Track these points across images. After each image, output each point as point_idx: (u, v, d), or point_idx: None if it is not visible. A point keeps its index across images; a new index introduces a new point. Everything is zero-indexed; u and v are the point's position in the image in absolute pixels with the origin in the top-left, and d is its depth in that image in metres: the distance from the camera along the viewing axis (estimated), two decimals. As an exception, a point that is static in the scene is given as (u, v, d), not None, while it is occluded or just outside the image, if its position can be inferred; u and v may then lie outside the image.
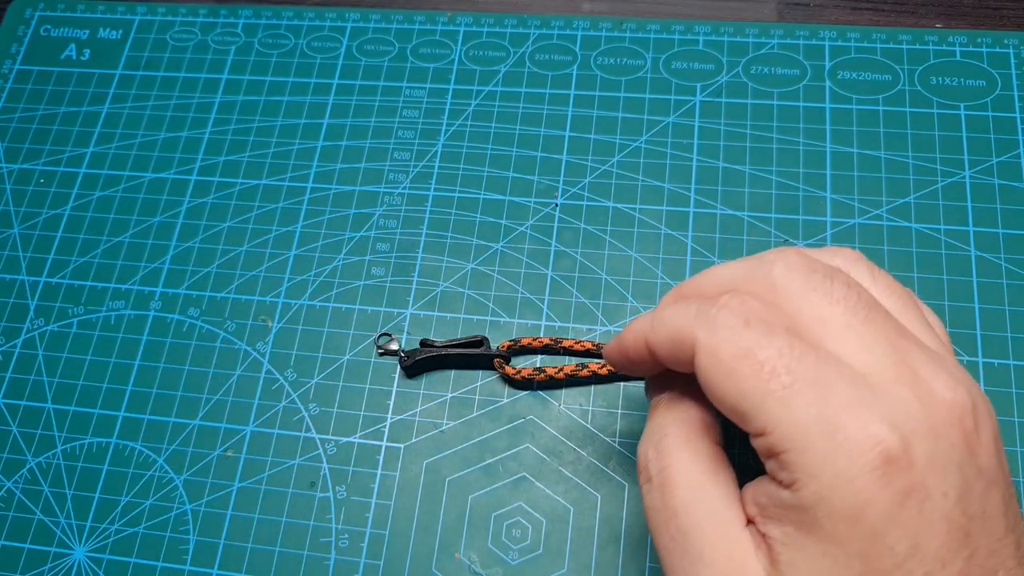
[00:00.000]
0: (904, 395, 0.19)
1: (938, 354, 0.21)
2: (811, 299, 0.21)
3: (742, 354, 0.20)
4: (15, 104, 0.43)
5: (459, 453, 0.33)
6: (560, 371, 0.34)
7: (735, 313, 0.21)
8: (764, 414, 0.20)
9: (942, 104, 0.39)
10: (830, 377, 0.20)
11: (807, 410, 0.19)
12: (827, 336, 0.21)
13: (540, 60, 0.42)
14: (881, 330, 0.21)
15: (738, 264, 0.23)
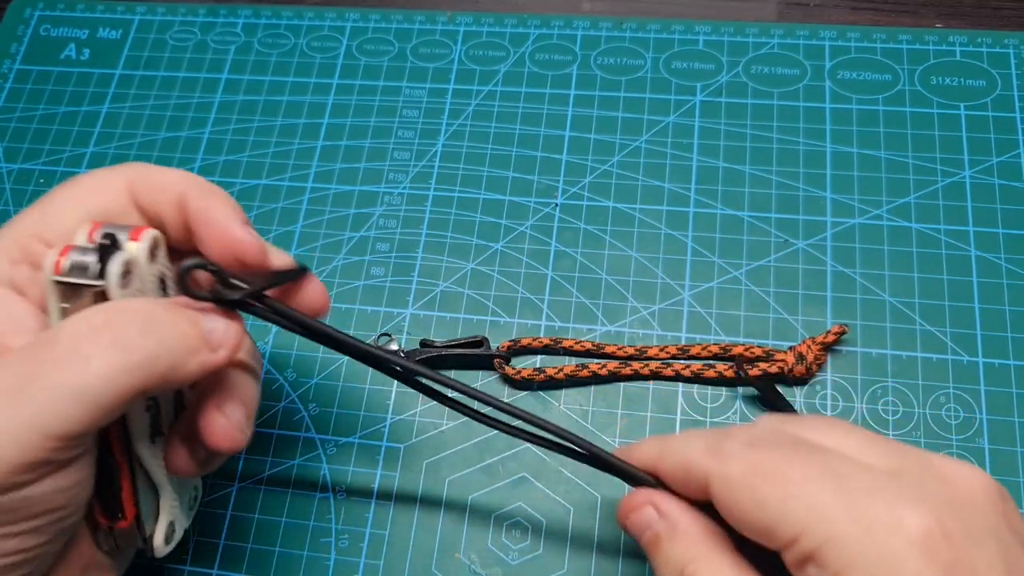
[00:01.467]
0: (924, 478, 0.20)
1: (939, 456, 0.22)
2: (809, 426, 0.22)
3: (750, 469, 0.21)
4: (15, 104, 0.43)
5: (459, 453, 0.33)
6: (560, 371, 0.33)
7: (740, 438, 0.22)
8: (788, 517, 0.20)
9: (942, 104, 0.39)
10: (844, 470, 0.20)
11: (830, 500, 0.20)
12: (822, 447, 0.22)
13: (540, 60, 0.42)
14: (883, 442, 0.22)
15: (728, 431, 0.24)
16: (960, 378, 0.33)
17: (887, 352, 0.34)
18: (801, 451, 0.21)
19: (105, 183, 0.25)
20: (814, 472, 0.20)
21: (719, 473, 0.22)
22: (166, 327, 0.22)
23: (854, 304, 0.35)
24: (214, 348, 0.23)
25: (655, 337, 0.35)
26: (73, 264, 0.22)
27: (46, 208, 0.24)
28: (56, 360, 0.20)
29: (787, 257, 0.36)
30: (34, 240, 0.24)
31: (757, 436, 0.22)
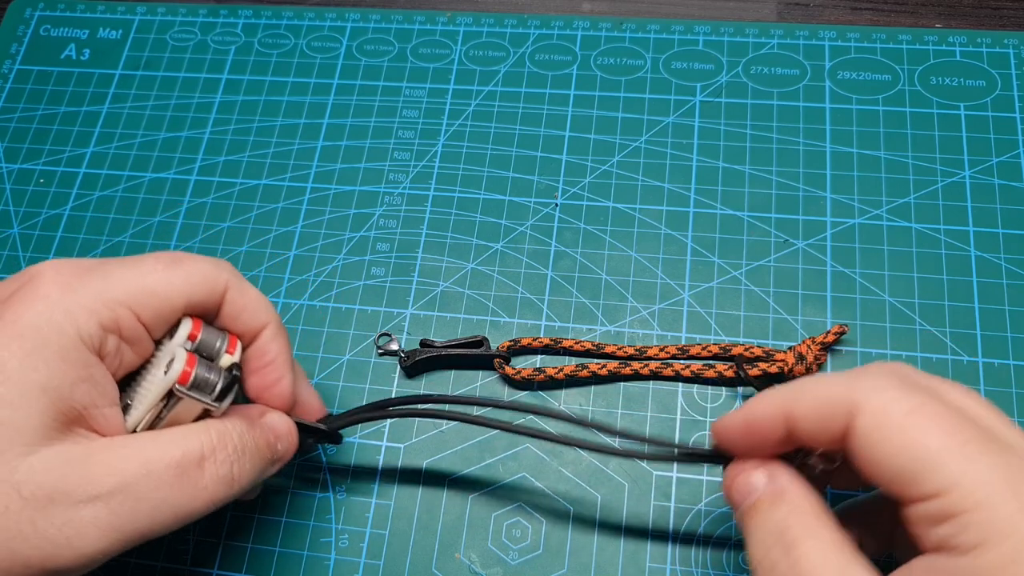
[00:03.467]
0: None
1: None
2: (945, 389, 0.21)
3: (916, 409, 0.20)
4: (15, 104, 0.43)
5: (459, 453, 0.33)
6: (560, 371, 0.33)
7: (896, 375, 0.21)
8: (942, 471, 0.19)
9: (942, 104, 0.39)
10: (1002, 443, 0.19)
11: (992, 466, 0.19)
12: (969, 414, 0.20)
13: (540, 60, 0.42)
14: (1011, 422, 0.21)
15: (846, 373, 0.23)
16: (960, 378, 0.33)
17: (887, 352, 0.34)
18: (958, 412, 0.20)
19: (207, 282, 0.26)
20: (975, 435, 0.19)
21: (875, 407, 0.20)
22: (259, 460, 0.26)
23: (854, 304, 0.35)
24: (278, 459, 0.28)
25: (655, 337, 0.35)
26: (197, 380, 0.24)
27: (144, 280, 0.24)
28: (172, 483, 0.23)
29: (787, 257, 0.36)
30: (127, 311, 0.24)
31: (913, 376, 0.21)
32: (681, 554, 0.31)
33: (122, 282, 0.24)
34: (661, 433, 0.33)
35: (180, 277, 0.25)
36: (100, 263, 0.25)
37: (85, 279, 0.24)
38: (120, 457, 0.23)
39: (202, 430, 0.25)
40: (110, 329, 0.24)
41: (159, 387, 0.24)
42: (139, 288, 0.24)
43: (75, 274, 0.24)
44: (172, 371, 0.24)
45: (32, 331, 0.22)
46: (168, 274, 0.25)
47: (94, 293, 0.23)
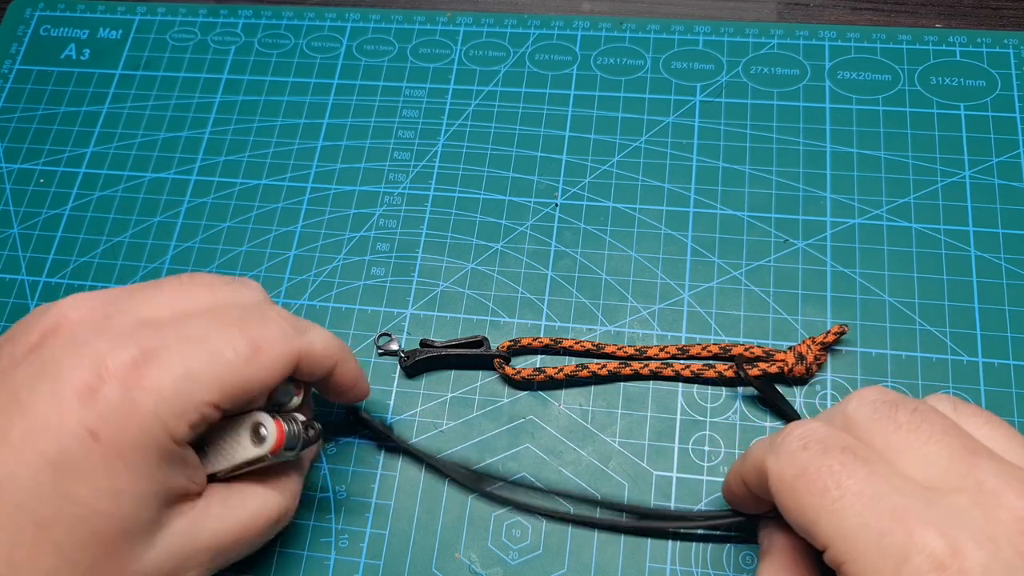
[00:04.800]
0: (962, 503, 0.19)
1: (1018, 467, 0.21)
2: (878, 426, 0.22)
3: (799, 473, 0.22)
4: (15, 104, 0.43)
5: (459, 453, 0.33)
6: (560, 371, 0.33)
7: (796, 438, 0.23)
8: (821, 528, 0.21)
9: (942, 104, 0.39)
10: (881, 489, 0.20)
11: (856, 520, 0.20)
12: (895, 458, 0.21)
13: (540, 60, 0.42)
14: (947, 448, 0.21)
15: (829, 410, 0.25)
16: (960, 378, 0.33)
17: (887, 352, 0.34)
18: (848, 461, 0.21)
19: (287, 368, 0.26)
20: (852, 488, 0.21)
21: (775, 471, 0.23)
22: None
23: (854, 304, 0.35)
24: None
25: (655, 337, 0.35)
26: (286, 447, 0.26)
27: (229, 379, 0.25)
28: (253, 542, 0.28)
29: (787, 257, 0.36)
30: (213, 409, 0.24)
31: (813, 437, 0.22)
32: (681, 554, 0.31)
33: (208, 384, 0.24)
34: (661, 435, 0.33)
35: (263, 370, 0.25)
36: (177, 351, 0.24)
37: (171, 382, 0.23)
38: (219, 531, 0.26)
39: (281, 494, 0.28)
40: (196, 426, 0.24)
41: (249, 454, 0.26)
42: (224, 386, 0.24)
43: (160, 375, 0.23)
44: (266, 444, 0.26)
45: (132, 449, 0.23)
46: (251, 368, 0.25)
47: (185, 400, 0.24)
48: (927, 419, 0.22)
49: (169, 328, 0.25)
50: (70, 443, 0.22)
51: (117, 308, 0.25)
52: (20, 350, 0.24)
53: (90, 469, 0.22)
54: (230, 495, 0.26)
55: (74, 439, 0.22)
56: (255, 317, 0.26)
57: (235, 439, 0.26)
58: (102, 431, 0.22)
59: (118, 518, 0.23)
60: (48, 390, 0.23)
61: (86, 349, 0.23)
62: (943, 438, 0.21)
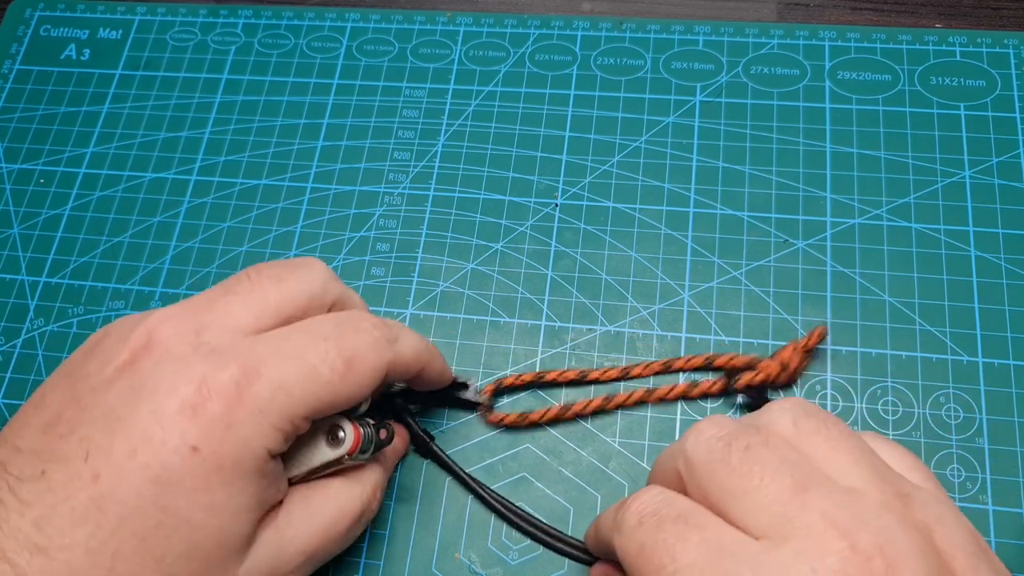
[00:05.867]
0: (787, 556, 0.19)
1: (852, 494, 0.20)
2: (712, 471, 0.21)
3: (638, 551, 0.21)
4: (15, 104, 0.43)
5: (459, 453, 0.33)
6: (544, 415, 0.33)
7: (633, 514, 0.22)
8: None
9: (942, 104, 0.39)
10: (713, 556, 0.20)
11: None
12: (731, 508, 0.20)
13: (540, 60, 0.42)
14: (776, 490, 0.20)
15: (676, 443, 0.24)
16: (960, 378, 0.33)
17: (887, 352, 0.34)
18: (681, 531, 0.21)
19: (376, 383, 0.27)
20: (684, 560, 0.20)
21: (619, 550, 0.22)
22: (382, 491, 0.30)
23: (854, 304, 0.35)
24: None
25: (655, 337, 0.35)
26: (362, 448, 0.27)
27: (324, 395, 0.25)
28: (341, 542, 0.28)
29: (787, 257, 0.36)
30: (305, 421, 0.25)
31: (648, 509, 0.22)
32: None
33: (304, 399, 0.24)
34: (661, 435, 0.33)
35: (355, 386, 0.26)
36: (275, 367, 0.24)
37: (269, 398, 0.24)
38: (305, 535, 0.26)
39: (360, 489, 0.28)
40: (290, 438, 0.25)
41: (326, 456, 0.26)
42: (319, 402, 0.25)
43: (259, 391, 0.24)
44: (344, 446, 0.26)
45: (231, 463, 0.23)
46: (345, 385, 0.25)
47: (282, 415, 0.24)
48: (758, 457, 0.21)
49: (264, 343, 0.25)
50: (172, 458, 0.22)
51: (204, 322, 0.25)
52: (111, 367, 0.24)
53: (191, 484, 0.23)
54: (311, 495, 0.27)
55: (176, 454, 0.23)
56: (349, 330, 0.26)
57: (312, 443, 0.26)
58: (203, 446, 0.23)
59: (216, 531, 0.23)
60: (149, 407, 0.23)
61: (185, 366, 0.24)
62: (774, 478, 0.20)
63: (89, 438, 0.23)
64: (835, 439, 0.21)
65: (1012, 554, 0.30)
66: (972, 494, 0.31)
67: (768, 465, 0.20)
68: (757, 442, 0.21)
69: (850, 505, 0.19)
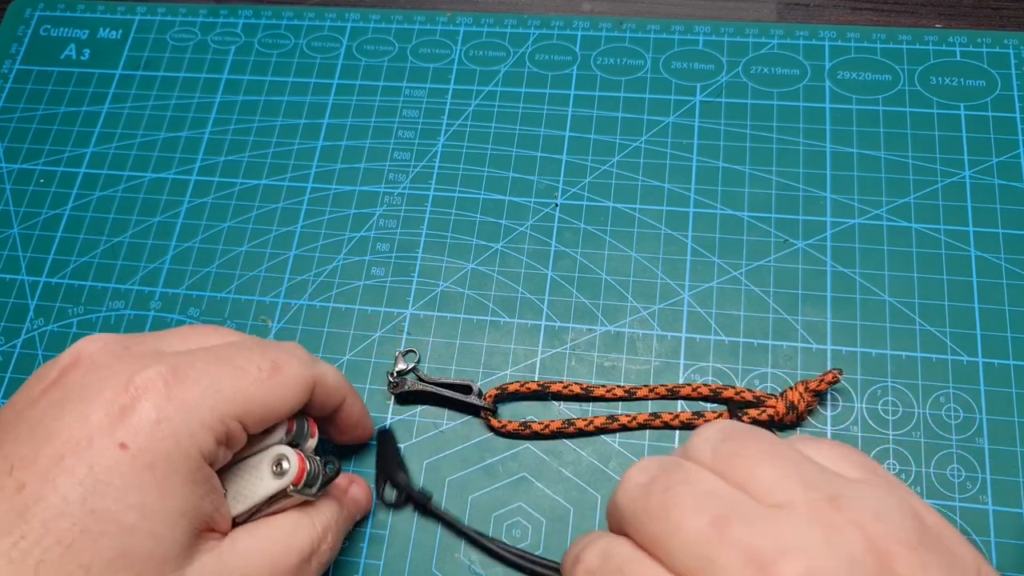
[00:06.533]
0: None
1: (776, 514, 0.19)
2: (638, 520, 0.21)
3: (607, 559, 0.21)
4: (15, 104, 0.43)
5: (459, 453, 0.33)
6: (546, 427, 0.33)
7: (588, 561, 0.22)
8: None
9: (942, 104, 0.39)
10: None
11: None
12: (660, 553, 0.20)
13: (540, 60, 0.42)
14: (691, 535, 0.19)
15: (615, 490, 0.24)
16: (960, 378, 0.33)
17: (887, 352, 0.34)
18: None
19: (305, 389, 0.27)
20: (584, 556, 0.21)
21: None
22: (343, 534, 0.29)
23: (854, 304, 0.35)
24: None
25: (655, 337, 0.35)
26: (307, 480, 0.26)
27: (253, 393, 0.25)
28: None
29: (787, 257, 0.36)
30: (237, 424, 0.25)
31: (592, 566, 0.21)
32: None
33: (233, 396, 0.24)
34: (660, 436, 0.33)
35: (285, 388, 0.26)
36: (203, 367, 0.24)
37: (199, 394, 0.24)
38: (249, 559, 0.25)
39: (309, 524, 0.27)
40: (222, 442, 0.24)
41: (271, 487, 0.26)
42: (249, 401, 0.25)
43: (187, 388, 0.24)
44: (288, 475, 0.26)
45: (162, 460, 0.22)
46: (273, 385, 0.25)
47: (211, 410, 0.24)
48: (675, 499, 0.20)
49: (190, 351, 0.25)
50: (99, 458, 0.22)
51: (134, 342, 0.26)
52: (38, 388, 0.24)
53: (119, 483, 0.22)
54: (258, 526, 0.26)
55: (103, 453, 0.22)
56: (272, 345, 0.27)
57: (256, 476, 0.26)
58: (132, 443, 0.22)
59: (147, 536, 0.22)
60: (75, 413, 0.23)
61: (111, 372, 0.24)
62: (692, 517, 0.19)
63: (13, 452, 0.22)
64: (756, 457, 0.21)
65: (1012, 554, 0.30)
66: (972, 494, 0.31)
67: (685, 505, 0.20)
68: (676, 481, 0.21)
69: (772, 531, 0.18)
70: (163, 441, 0.23)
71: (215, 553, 0.24)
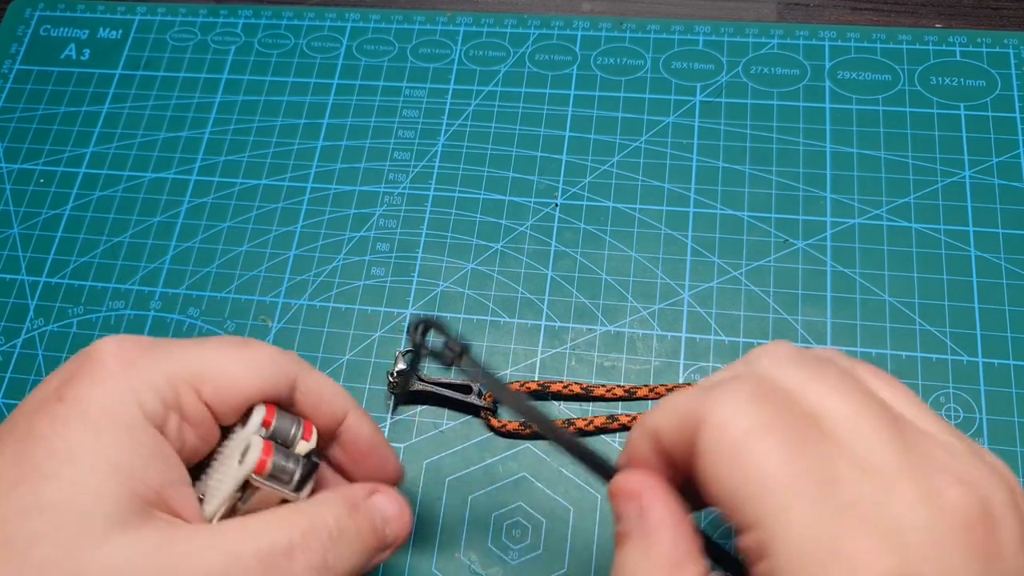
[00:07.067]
0: (909, 499, 0.17)
1: (943, 443, 0.19)
2: (806, 389, 0.19)
3: (757, 428, 0.18)
4: (15, 104, 0.43)
5: (459, 453, 0.33)
6: None
7: (744, 389, 0.19)
8: (760, 505, 0.18)
9: (942, 104, 0.39)
10: (837, 473, 0.18)
11: (807, 512, 0.17)
12: (826, 428, 0.19)
13: (540, 60, 0.42)
14: (880, 421, 0.18)
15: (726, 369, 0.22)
16: (960, 378, 0.33)
17: (887, 352, 0.34)
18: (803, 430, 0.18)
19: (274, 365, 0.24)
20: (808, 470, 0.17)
21: (715, 423, 0.19)
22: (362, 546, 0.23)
23: (854, 304, 0.35)
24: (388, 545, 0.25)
25: (655, 337, 0.35)
26: (274, 469, 0.23)
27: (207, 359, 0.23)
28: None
29: (787, 257, 0.36)
30: (189, 389, 0.22)
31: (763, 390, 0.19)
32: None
33: (184, 360, 0.23)
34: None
35: (245, 358, 0.23)
36: (163, 342, 0.23)
37: (147, 356, 0.22)
38: (201, 546, 0.21)
39: (290, 516, 0.22)
40: (171, 406, 0.22)
41: (234, 477, 0.23)
42: (202, 367, 0.23)
43: (137, 351, 0.22)
44: (248, 460, 0.23)
45: (97, 409, 0.21)
46: (233, 355, 0.23)
47: (156, 369, 0.22)
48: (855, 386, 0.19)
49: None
50: (38, 415, 0.21)
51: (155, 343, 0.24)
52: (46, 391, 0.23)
53: (49, 433, 0.20)
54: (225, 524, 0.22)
55: (41, 410, 0.21)
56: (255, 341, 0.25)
57: (226, 467, 0.24)
58: (68, 394, 0.21)
59: (68, 483, 0.20)
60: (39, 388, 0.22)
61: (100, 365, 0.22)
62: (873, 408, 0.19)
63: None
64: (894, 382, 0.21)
65: (1012, 554, 0.30)
66: (972, 494, 0.31)
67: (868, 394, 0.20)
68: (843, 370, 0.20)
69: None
70: (102, 393, 0.21)
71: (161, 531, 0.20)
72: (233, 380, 0.23)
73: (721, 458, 0.18)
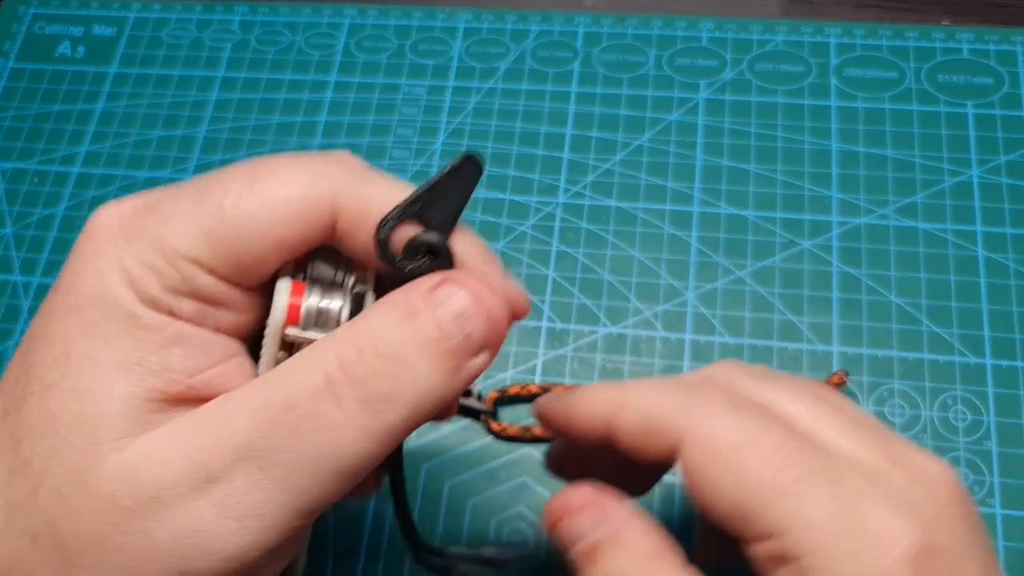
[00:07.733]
0: (903, 481, 0.19)
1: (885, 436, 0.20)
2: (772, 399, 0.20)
3: (745, 440, 0.18)
4: (9, 102, 0.43)
5: (460, 457, 0.33)
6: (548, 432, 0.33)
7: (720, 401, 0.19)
8: (773, 512, 0.18)
9: (949, 102, 0.38)
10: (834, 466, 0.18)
11: (823, 505, 0.18)
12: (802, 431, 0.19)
13: (541, 57, 0.41)
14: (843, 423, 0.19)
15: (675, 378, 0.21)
16: (968, 380, 0.33)
17: (893, 353, 0.33)
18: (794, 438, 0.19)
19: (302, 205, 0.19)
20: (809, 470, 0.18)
21: (700, 437, 0.19)
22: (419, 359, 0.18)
23: (860, 305, 0.34)
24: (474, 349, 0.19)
25: (658, 339, 0.34)
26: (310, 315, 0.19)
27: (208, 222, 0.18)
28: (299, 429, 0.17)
29: (792, 257, 0.35)
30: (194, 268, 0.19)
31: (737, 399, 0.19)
32: (685, 560, 0.30)
33: (181, 226, 0.18)
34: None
35: (263, 204, 0.18)
36: (163, 198, 0.19)
37: (141, 222, 0.19)
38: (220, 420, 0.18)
39: (322, 349, 0.18)
40: (181, 292, 0.18)
41: (270, 336, 0.19)
42: (201, 234, 0.18)
43: (133, 216, 0.19)
44: (275, 313, 0.19)
45: (87, 302, 0.18)
46: (241, 209, 0.18)
47: (149, 243, 0.18)
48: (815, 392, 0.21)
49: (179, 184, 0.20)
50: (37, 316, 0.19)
51: None
52: None
53: (43, 334, 0.18)
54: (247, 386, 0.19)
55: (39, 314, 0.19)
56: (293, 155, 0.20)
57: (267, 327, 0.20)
58: (61, 283, 0.19)
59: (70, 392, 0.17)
60: None
61: None
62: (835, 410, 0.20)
63: None
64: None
65: (1021, 558, 0.30)
66: (980, 498, 0.31)
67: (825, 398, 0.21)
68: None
69: None
70: (93, 280, 0.18)
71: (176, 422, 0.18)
72: (244, 245, 0.19)
73: (717, 473, 0.18)
